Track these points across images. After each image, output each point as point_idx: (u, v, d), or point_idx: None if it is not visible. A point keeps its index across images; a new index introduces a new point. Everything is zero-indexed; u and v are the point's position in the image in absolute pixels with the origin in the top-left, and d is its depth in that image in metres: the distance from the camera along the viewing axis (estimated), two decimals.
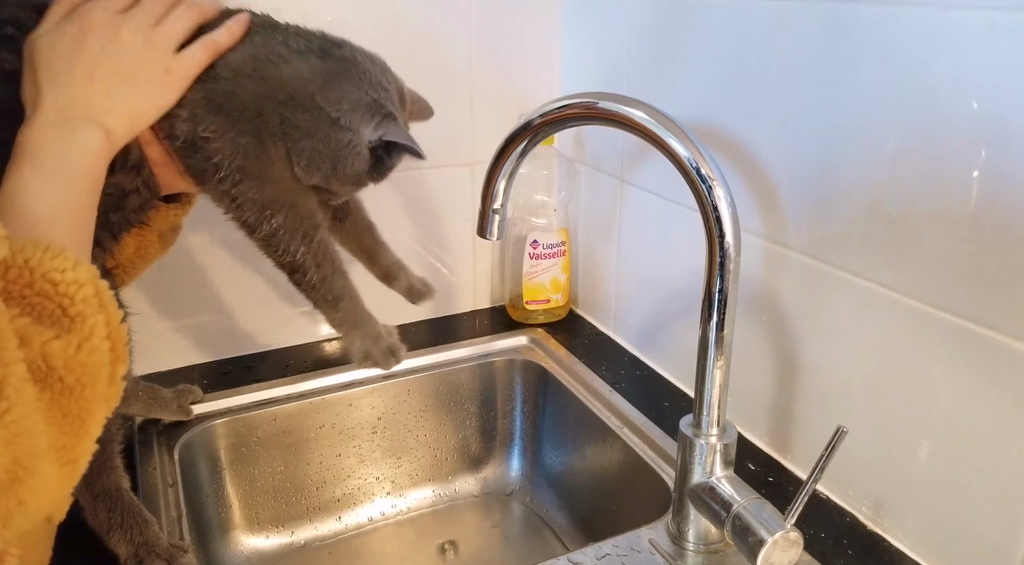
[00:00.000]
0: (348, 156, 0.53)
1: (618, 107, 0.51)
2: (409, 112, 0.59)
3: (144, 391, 0.69)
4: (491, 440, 0.86)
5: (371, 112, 0.53)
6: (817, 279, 0.58)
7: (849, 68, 0.53)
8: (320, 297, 0.57)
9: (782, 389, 0.63)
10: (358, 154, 0.54)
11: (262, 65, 0.51)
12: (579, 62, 0.87)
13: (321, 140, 0.52)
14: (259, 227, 0.52)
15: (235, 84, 0.50)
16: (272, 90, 0.51)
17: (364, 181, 0.57)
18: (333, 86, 0.52)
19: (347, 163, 0.53)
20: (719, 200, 0.49)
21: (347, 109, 0.52)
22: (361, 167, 0.54)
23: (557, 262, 0.90)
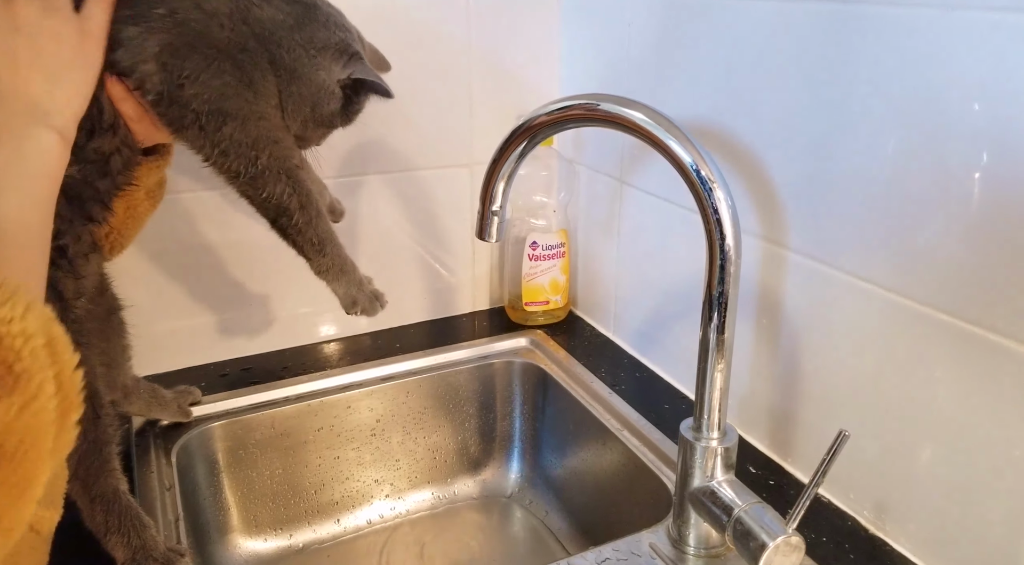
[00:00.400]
0: (324, 96, 0.54)
1: (618, 109, 0.50)
2: (368, 60, 0.58)
3: (145, 390, 0.68)
4: (490, 442, 0.86)
5: (339, 52, 0.54)
6: (817, 281, 0.58)
7: (849, 68, 0.53)
8: (307, 240, 0.55)
9: (783, 392, 0.63)
10: (331, 93, 0.55)
11: (240, 5, 0.50)
12: (578, 62, 0.86)
13: (303, 81, 0.53)
14: (245, 170, 0.51)
15: (208, 24, 0.49)
16: (256, 29, 0.50)
17: (335, 123, 0.58)
18: (305, 27, 0.52)
19: (323, 103, 0.54)
20: (719, 202, 0.48)
21: (320, 48, 0.53)
22: (334, 107, 0.56)
23: (556, 263, 0.90)
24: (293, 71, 0.52)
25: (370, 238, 0.86)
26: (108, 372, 0.61)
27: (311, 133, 0.57)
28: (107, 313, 0.60)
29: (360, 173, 0.83)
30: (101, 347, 0.59)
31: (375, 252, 0.87)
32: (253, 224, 0.78)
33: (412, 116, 0.84)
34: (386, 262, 0.88)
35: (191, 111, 0.49)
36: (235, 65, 0.50)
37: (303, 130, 0.56)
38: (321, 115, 0.55)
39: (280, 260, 0.81)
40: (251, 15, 0.50)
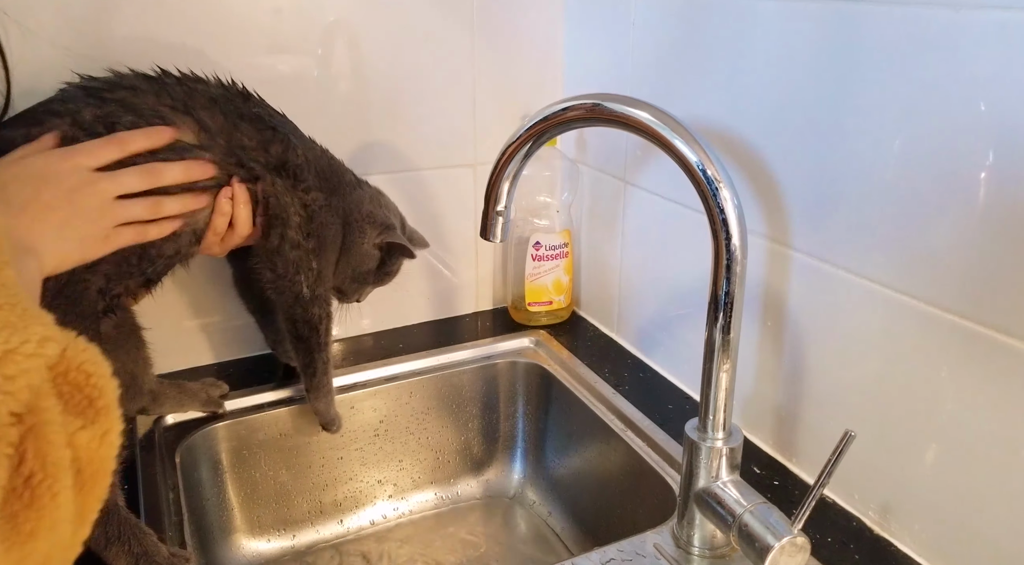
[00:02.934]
0: (364, 258, 0.69)
1: (623, 108, 0.50)
2: (408, 237, 0.73)
3: (171, 388, 0.70)
4: (493, 443, 0.86)
5: (380, 224, 0.70)
6: (822, 280, 0.58)
7: (855, 68, 0.53)
8: (319, 359, 0.68)
9: (787, 392, 0.63)
10: (369, 255, 0.69)
11: (353, 182, 0.70)
12: (582, 62, 0.86)
13: (355, 247, 0.68)
14: (308, 293, 0.65)
15: (326, 213, 0.65)
16: (350, 206, 0.68)
17: (369, 280, 0.72)
18: (370, 205, 0.69)
19: (363, 263, 0.69)
20: (725, 202, 0.48)
21: (369, 221, 0.69)
22: (370, 266, 0.70)
23: (560, 263, 0.89)
24: (352, 242, 0.68)
25: None
26: (133, 382, 0.62)
27: (348, 287, 0.71)
28: (130, 329, 0.61)
29: (364, 173, 0.83)
30: (123, 360, 0.61)
31: None
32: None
33: (416, 116, 0.84)
34: None
35: (308, 250, 0.64)
36: (340, 227, 0.67)
37: (343, 283, 0.70)
38: (359, 273, 0.70)
39: None
40: (354, 195, 0.68)
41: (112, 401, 0.34)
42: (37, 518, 0.27)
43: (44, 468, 0.28)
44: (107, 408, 0.33)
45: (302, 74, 0.77)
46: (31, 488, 0.27)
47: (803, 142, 0.58)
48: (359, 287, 0.72)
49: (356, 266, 0.69)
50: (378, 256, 0.70)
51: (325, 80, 0.78)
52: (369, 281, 0.72)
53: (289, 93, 0.75)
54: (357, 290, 0.72)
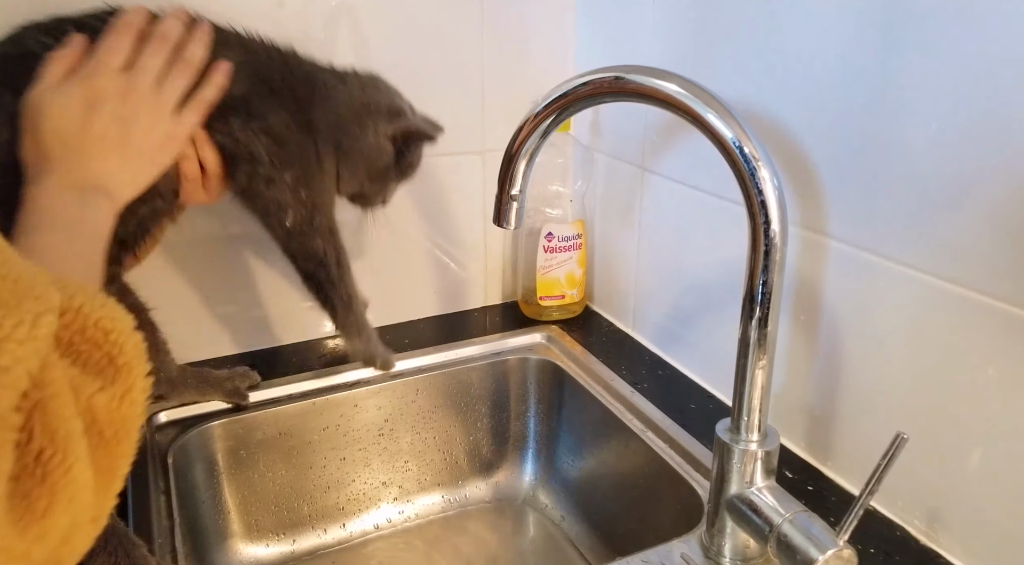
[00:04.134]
0: (375, 153, 0.60)
1: (649, 80, 0.46)
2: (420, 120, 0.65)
3: (193, 377, 0.67)
4: (503, 443, 0.82)
5: (387, 112, 0.62)
6: (860, 270, 0.54)
7: (897, 45, 0.48)
8: (338, 295, 0.62)
9: (821, 391, 0.59)
10: (381, 149, 0.61)
11: (322, 83, 0.60)
12: (595, 44, 0.82)
13: (357, 149, 0.60)
14: (300, 228, 0.59)
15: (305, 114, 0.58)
16: (331, 118, 0.59)
17: (390, 176, 0.63)
18: (365, 98, 0.61)
19: (375, 160, 0.61)
20: (764, 182, 0.44)
21: (372, 113, 0.61)
22: (386, 161, 0.62)
23: (573, 255, 0.85)
24: (352, 148, 0.60)
25: (377, 230, 0.82)
26: None
27: (368, 189, 0.63)
28: (135, 311, 0.57)
29: None
30: None
31: (384, 245, 0.83)
32: (250, 217, 0.75)
33: (424, 103, 0.79)
34: (396, 255, 0.84)
35: (286, 183, 0.57)
36: (326, 138, 0.59)
37: (360, 188, 0.63)
38: (375, 171, 0.62)
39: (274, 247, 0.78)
40: (337, 95, 0.60)
41: (133, 358, 0.33)
42: (51, 494, 0.26)
43: (54, 443, 0.27)
44: (128, 366, 0.32)
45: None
46: (42, 464, 0.26)
47: (841, 124, 0.53)
48: (380, 187, 0.64)
49: (370, 166, 0.61)
50: (392, 149, 0.62)
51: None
52: (391, 177, 0.64)
53: None
54: (379, 191, 0.64)
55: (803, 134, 0.57)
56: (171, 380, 0.63)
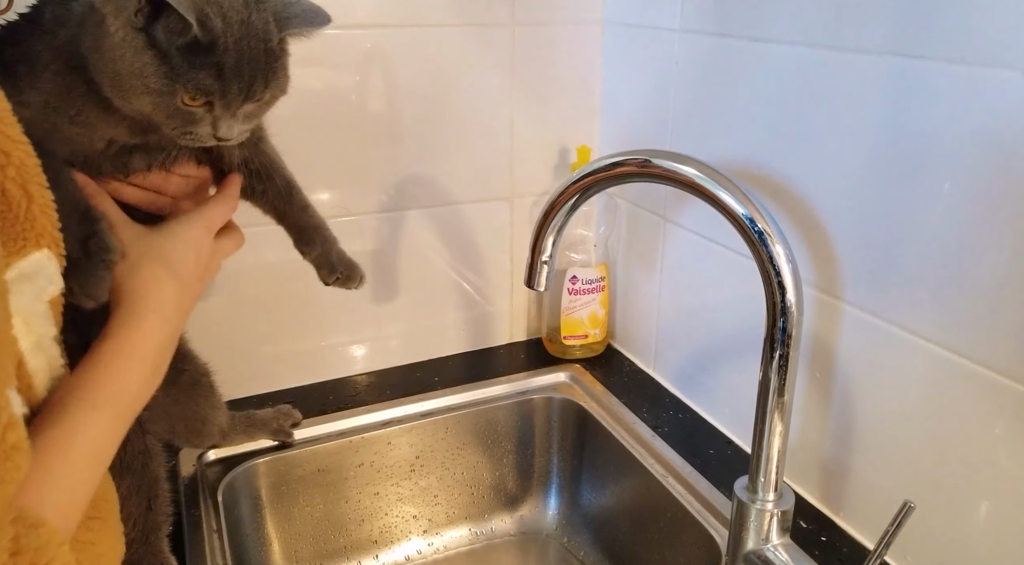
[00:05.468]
0: (110, 55, 0.41)
1: (670, 164, 0.50)
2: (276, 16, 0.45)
3: (240, 423, 0.71)
4: (528, 479, 0.85)
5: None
6: (873, 335, 0.57)
7: (913, 122, 0.51)
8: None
9: (835, 444, 0.61)
10: (120, 44, 0.41)
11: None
12: (620, 98, 0.86)
13: (100, 49, 0.42)
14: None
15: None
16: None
17: (155, 86, 0.42)
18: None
19: (121, 59, 0.41)
20: (779, 257, 0.47)
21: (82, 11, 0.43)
22: (139, 62, 0.41)
23: (596, 297, 0.89)
24: (79, 52, 0.43)
25: (411, 270, 0.86)
26: (203, 426, 0.64)
27: (143, 107, 0.43)
28: (199, 377, 0.62)
29: (403, 208, 0.84)
30: (195, 407, 0.62)
31: (416, 284, 0.87)
32: (286, 250, 0.79)
33: (454, 150, 0.84)
34: (426, 294, 0.88)
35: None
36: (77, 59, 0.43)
37: (126, 102, 0.43)
38: (130, 76, 0.41)
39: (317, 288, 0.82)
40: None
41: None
42: None
43: None
44: None
45: (337, 98, 0.77)
46: None
47: (857, 192, 0.56)
48: (153, 103, 0.42)
49: (114, 78, 0.42)
50: (143, 39, 0.41)
51: (361, 110, 0.78)
52: (157, 88, 0.42)
53: (322, 117, 0.76)
54: (162, 109, 0.43)
55: (820, 200, 0.60)
56: (223, 431, 0.67)
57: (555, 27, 0.83)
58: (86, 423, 0.38)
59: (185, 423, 0.62)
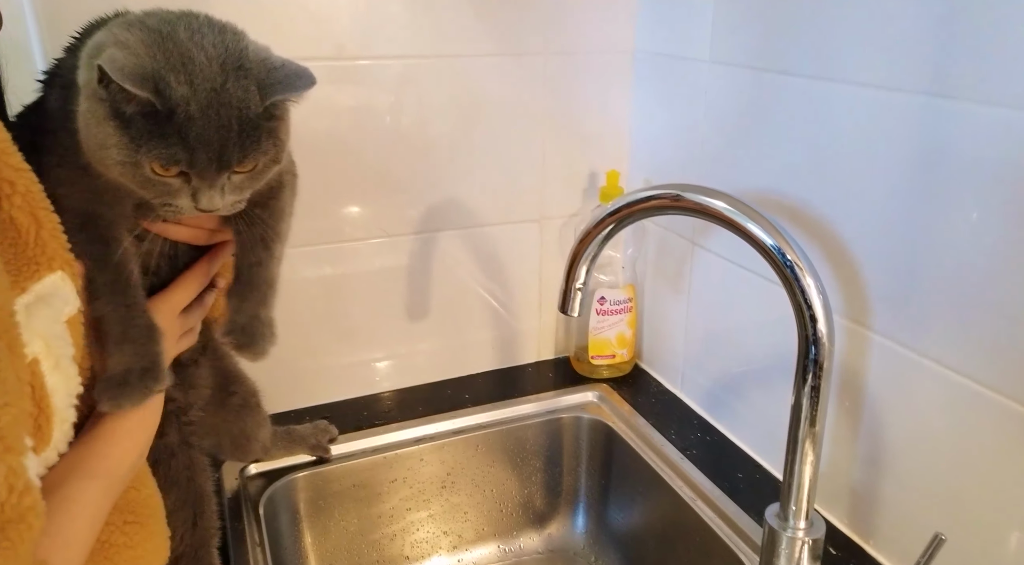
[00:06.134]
0: (83, 119, 0.41)
1: (701, 198, 0.51)
2: (259, 80, 0.43)
3: (281, 439, 0.74)
4: (556, 497, 0.87)
5: (85, 56, 0.42)
6: (902, 365, 0.57)
7: (946, 158, 0.52)
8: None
9: (864, 471, 0.62)
10: (87, 111, 0.41)
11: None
12: (649, 124, 0.87)
13: (77, 121, 0.42)
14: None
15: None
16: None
17: (118, 156, 0.41)
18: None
19: (86, 129, 0.41)
20: (809, 289, 0.49)
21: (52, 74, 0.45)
22: (103, 132, 0.40)
23: (623, 318, 0.90)
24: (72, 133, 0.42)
25: (442, 289, 0.89)
26: (248, 443, 0.67)
27: (115, 175, 0.42)
28: (239, 405, 0.65)
29: (436, 229, 0.86)
30: (242, 425, 0.65)
31: (447, 303, 0.89)
32: (320, 267, 0.81)
33: (485, 173, 0.86)
34: (457, 313, 0.90)
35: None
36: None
37: (103, 169, 0.42)
38: (95, 155, 0.41)
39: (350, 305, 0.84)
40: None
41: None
42: None
43: None
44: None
45: (371, 118, 0.79)
46: None
47: (886, 224, 0.57)
48: (124, 170, 0.41)
49: (87, 141, 0.42)
50: (105, 109, 0.40)
51: (395, 132, 0.80)
52: (120, 157, 0.41)
53: (355, 136, 0.78)
54: (131, 176, 0.42)
55: (849, 230, 0.61)
56: (265, 447, 0.70)
57: (586, 56, 0.85)
58: (83, 491, 0.41)
59: (231, 439, 0.65)
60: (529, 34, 0.82)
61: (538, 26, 0.82)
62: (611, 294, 0.89)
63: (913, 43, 0.53)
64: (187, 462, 0.58)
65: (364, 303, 0.86)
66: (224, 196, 0.44)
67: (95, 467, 0.43)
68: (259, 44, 0.45)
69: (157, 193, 0.43)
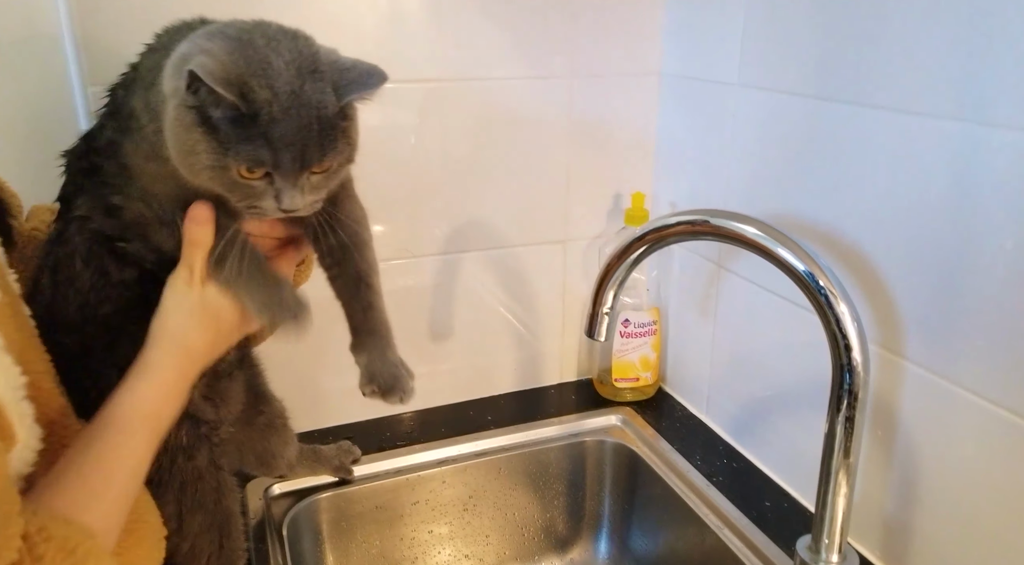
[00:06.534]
0: (171, 128, 0.43)
1: (731, 224, 0.51)
2: (335, 81, 0.44)
3: (306, 458, 0.74)
4: (578, 521, 0.86)
5: (171, 66, 0.43)
6: (936, 395, 0.56)
7: (976, 182, 0.52)
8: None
9: (898, 501, 0.61)
10: (176, 119, 0.42)
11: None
12: (675, 146, 0.87)
13: (165, 130, 0.44)
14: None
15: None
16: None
17: (207, 161, 0.42)
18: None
19: (175, 136, 0.43)
20: (843, 317, 0.48)
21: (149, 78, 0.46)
22: (191, 138, 0.42)
23: (647, 341, 0.90)
24: (147, 136, 0.46)
25: (466, 310, 0.89)
26: (274, 460, 0.67)
27: (203, 182, 0.44)
28: (266, 424, 0.65)
29: (460, 250, 0.87)
30: (268, 443, 0.66)
31: (470, 324, 0.89)
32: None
33: (510, 194, 0.87)
34: (480, 333, 0.90)
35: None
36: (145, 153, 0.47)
37: (192, 177, 0.44)
38: (184, 161, 0.43)
39: None
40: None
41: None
42: None
43: None
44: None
45: (396, 137, 0.79)
46: None
47: (920, 250, 0.56)
48: (212, 176, 0.43)
49: (174, 147, 0.43)
50: (193, 116, 0.42)
51: (420, 151, 0.81)
52: (207, 162, 0.42)
53: (380, 154, 0.78)
54: (218, 180, 0.43)
55: (882, 258, 0.60)
56: (290, 464, 0.70)
57: (612, 78, 0.86)
58: (120, 446, 0.42)
59: (257, 457, 0.65)
60: (555, 57, 0.82)
61: (564, 49, 0.82)
62: (635, 316, 0.88)
63: (947, 69, 0.52)
64: (215, 484, 0.58)
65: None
66: (304, 196, 0.45)
67: (128, 423, 0.43)
68: (327, 47, 0.46)
69: (243, 196, 0.44)
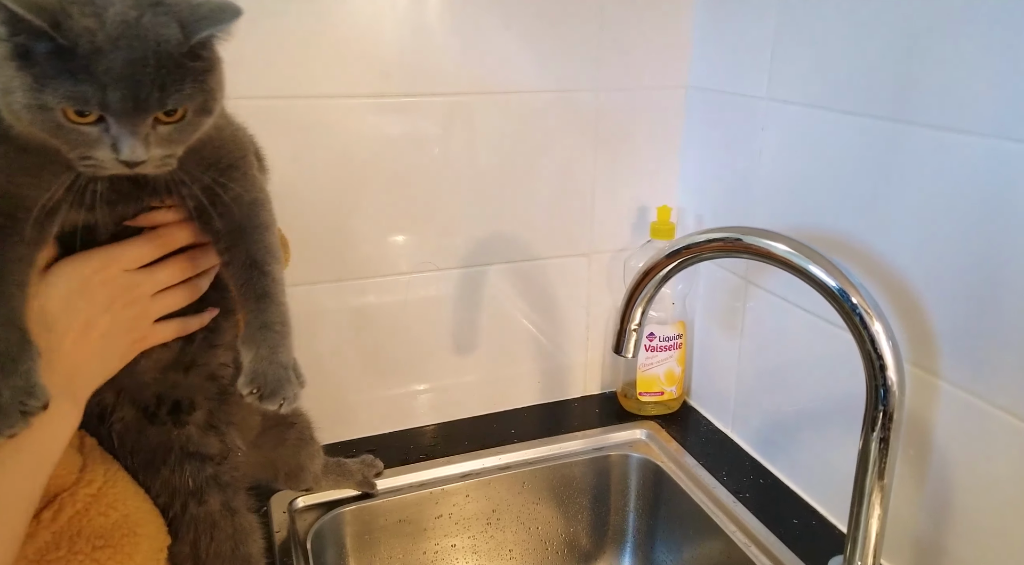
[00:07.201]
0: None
1: (762, 242, 0.51)
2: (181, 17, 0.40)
3: (331, 471, 0.74)
4: (602, 536, 0.85)
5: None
6: (971, 415, 0.55)
7: (1013, 199, 0.51)
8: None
9: (930, 523, 0.59)
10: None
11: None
12: (701, 160, 0.87)
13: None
14: None
15: None
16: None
17: (25, 99, 0.37)
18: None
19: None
20: (878, 336, 0.47)
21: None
22: (5, 74, 0.37)
23: (673, 355, 0.89)
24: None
25: (490, 322, 0.89)
26: (300, 472, 0.67)
27: (28, 132, 0.39)
28: (297, 438, 0.65)
29: (485, 262, 0.87)
30: (294, 455, 0.66)
31: (494, 335, 0.89)
32: (366, 296, 0.82)
33: (534, 206, 0.87)
34: (504, 346, 0.90)
35: None
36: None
37: (26, 133, 0.40)
38: (4, 103, 0.38)
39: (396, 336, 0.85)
40: None
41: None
42: None
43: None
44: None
45: (419, 149, 0.79)
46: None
47: (955, 268, 0.56)
48: (40, 119, 0.38)
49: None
50: (7, 48, 0.37)
51: (444, 164, 0.81)
52: (34, 101, 0.37)
53: (403, 165, 0.79)
54: (47, 124, 0.38)
55: (916, 276, 0.59)
56: (316, 476, 0.70)
57: (639, 92, 0.86)
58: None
59: (286, 471, 0.66)
60: (581, 70, 0.82)
61: (590, 62, 0.82)
62: (661, 330, 0.88)
63: (982, 85, 0.52)
64: (231, 531, 0.53)
65: (410, 335, 0.86)
66: (150, 148, 0.39)
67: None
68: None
69: (74, 144, 0.38)
